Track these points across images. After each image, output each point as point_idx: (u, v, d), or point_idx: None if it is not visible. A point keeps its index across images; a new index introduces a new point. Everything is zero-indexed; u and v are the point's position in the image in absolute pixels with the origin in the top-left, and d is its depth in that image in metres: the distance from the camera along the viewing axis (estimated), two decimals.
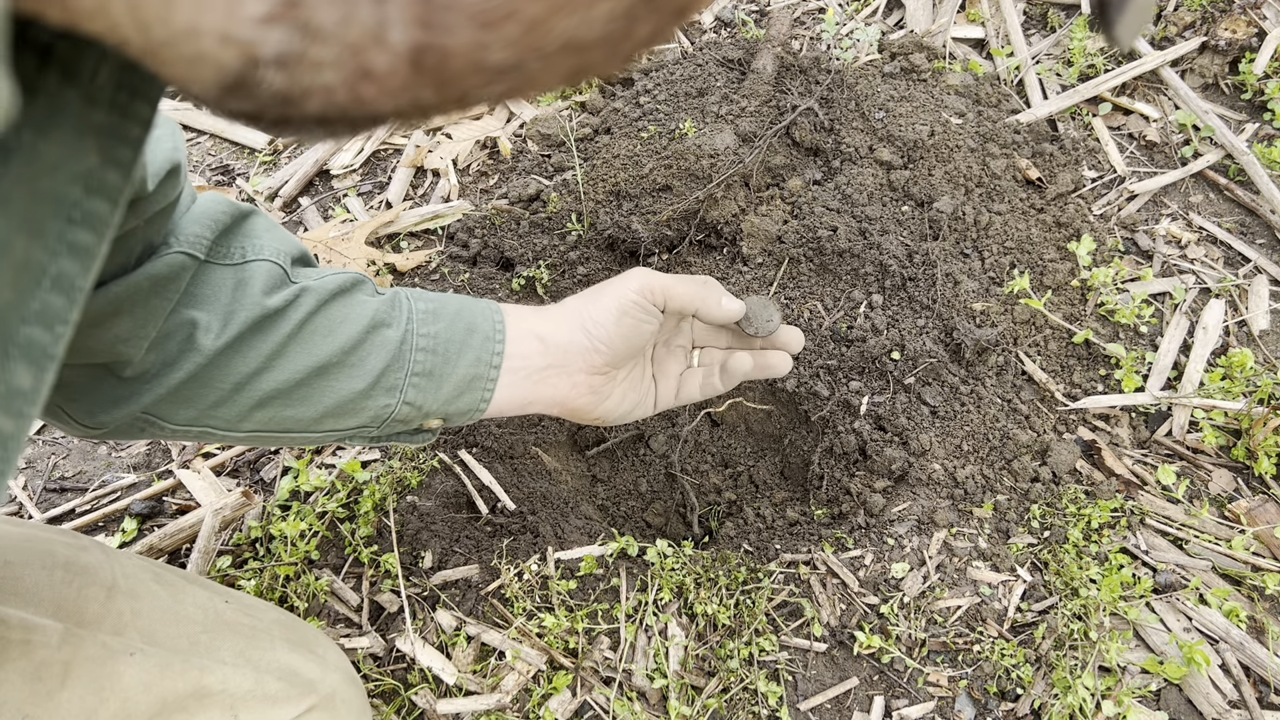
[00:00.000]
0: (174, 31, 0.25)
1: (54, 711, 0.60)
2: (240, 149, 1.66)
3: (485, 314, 0.82)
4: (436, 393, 0.79)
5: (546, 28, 0.26)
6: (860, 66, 1.57)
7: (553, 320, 0.84)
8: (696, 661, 1.06)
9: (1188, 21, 1.60)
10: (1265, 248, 1.42)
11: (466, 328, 0.80)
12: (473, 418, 0.83)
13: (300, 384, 0.72)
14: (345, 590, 1.14)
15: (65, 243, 0.34)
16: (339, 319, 0.74)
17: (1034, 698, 1.04)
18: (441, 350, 0.78)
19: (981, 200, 1.40)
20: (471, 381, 0.80)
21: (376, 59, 0.26)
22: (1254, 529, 1.16)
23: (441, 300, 0.81)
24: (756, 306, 0.90)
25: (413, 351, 0.77)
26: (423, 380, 0.78)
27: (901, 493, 1.20)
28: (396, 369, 0.76)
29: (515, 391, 0.83)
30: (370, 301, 0.76)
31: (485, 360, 0.81)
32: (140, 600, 0.72)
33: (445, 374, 0.79)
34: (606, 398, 0.87)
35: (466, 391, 0.80)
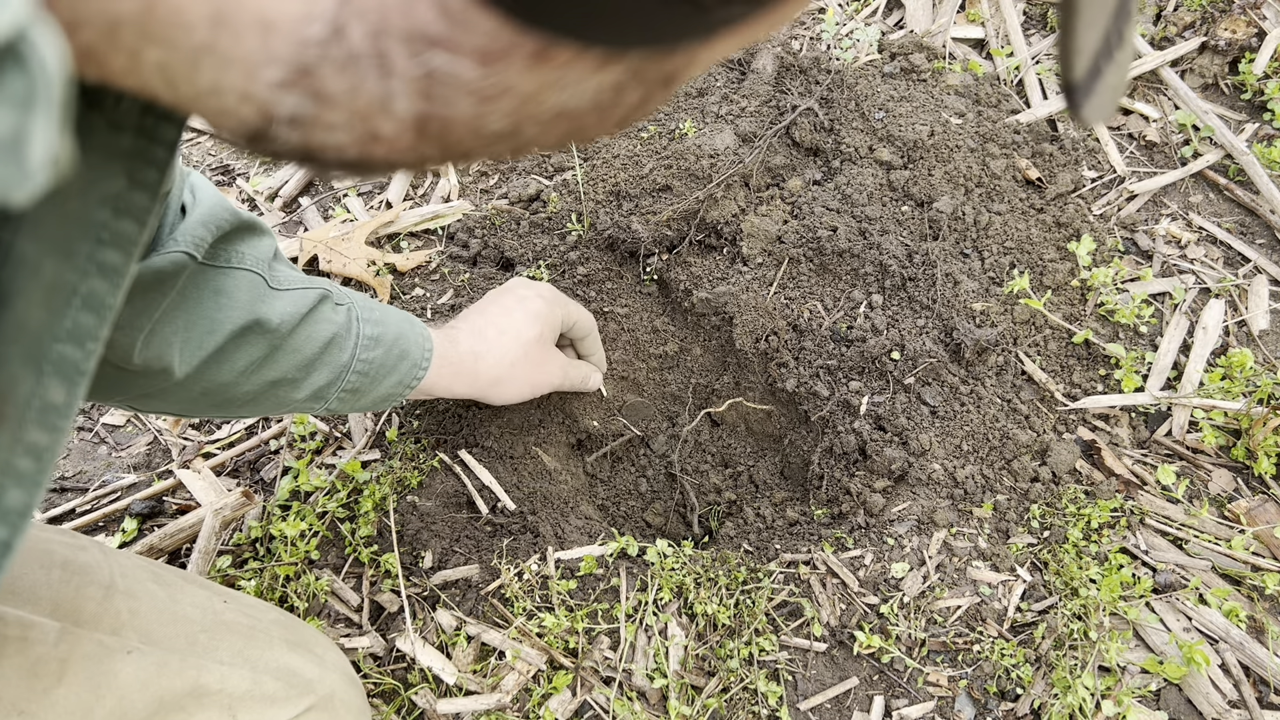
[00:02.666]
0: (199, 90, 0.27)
1: (50, 708, 0.60)
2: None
3: (418, 341, 0.93)
4: (355, 404, 0.90)
5: (539, 100, 0.28)
6: (860, 66, 1.57)
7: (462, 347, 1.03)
8: (696, 661, 1.06)
9: (1187, 21, 1.60)
10: (1265, 248, 1.42)
11: (399, 354, 0.90)
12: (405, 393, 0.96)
13: (257, 395, 0.80)
14: (345, 590, 1.14)
15: (95, 263, 0.35)
16: (304, 338, 0.81)
17: (1034, 697, 1.04)
18: (373, 374, 0.88)
19: (981, 200, 1.40)
20: (386, 399, 0.93)
21: (383, 125, 0.28)
22: (1254, 529, 1.16)
23: (384, 323, 0.89)
24: None
25: (348, 373, 0.86)
26: (349, 396, 0.88)
27: (901, 493, 1.20)
28: (333, 385, 0.85)
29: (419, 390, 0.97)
30: (331, 319, 0.83)
31: (405, 384, 0.92)
32: (138, 600, 0.72)
33: (369, 391, 0.89)
34: None
35: (379, 404, 0.94)
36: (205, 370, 0.74)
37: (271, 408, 0.84)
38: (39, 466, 0.35)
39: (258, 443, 1.30)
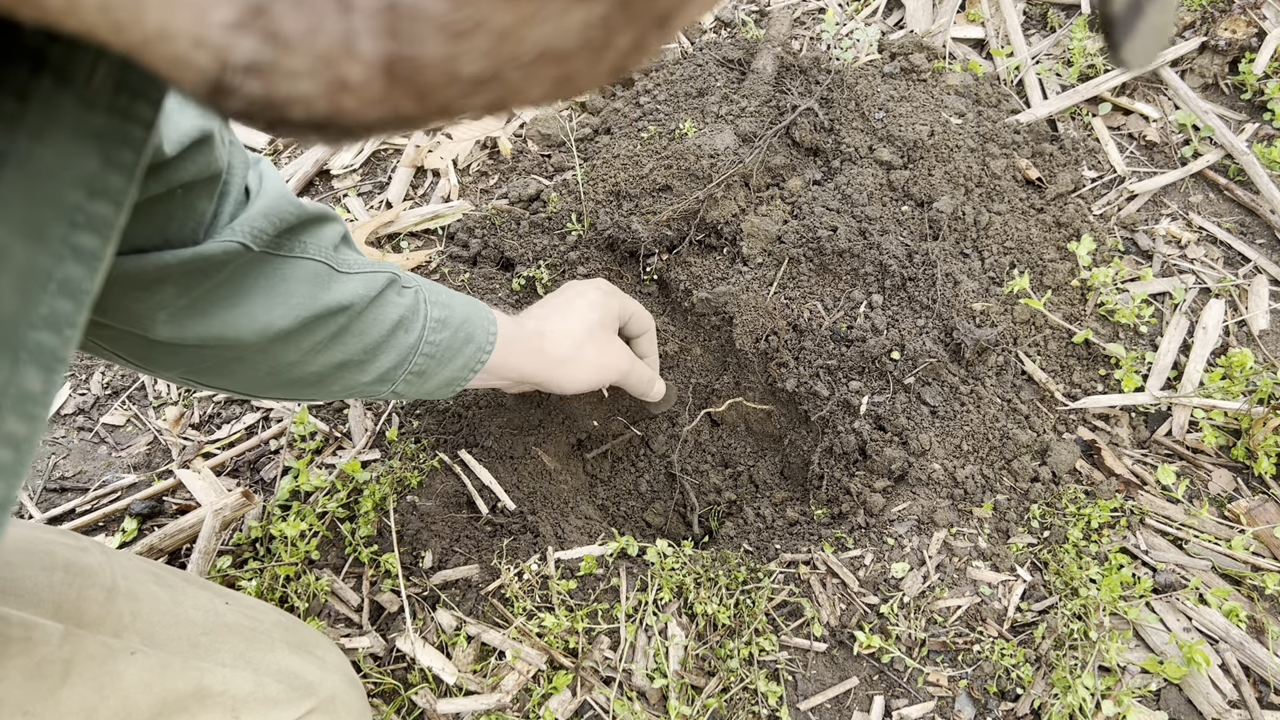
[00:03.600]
0: (147, 33, 0.25)
1: (54, 708, 0.60)
2: None
3: (484, 325, 0.92)
4: (421, 388, 0.88)
5: (519, 37, 0.25)
6: (860, 66, 1.57)
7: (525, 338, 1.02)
8: (696, 661, 1.06)
9: (1187, 21, 1.60)
10: (1265, 248, 1.42)
11: (465, 338, 0.89)
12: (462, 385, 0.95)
13: (323, 376, 0.80)
14: (345, 590, 1.14)
15: (69, 246, 0.34)
16: (371, 321, 0.80)
17: (1034, 697, 1.04)
18: (440, 355, 0.87)
19: (981, 200, 1.40)
20: (451, 383, 0.91)
21: (350, 70, 0.26)
22: (1254, 529, 1.16)
23: (451, 306, 0.88)
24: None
25: (416, 355, 0.85)
26: (415, 378, 0.87)
27: (901, 492, 1.20)
28: (399, 368, 0.84)
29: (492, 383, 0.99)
30: (398, 302, 0.83)
31: (469, 366, 0.91)
32: (140, 602, 0.72)
33: (435, 374, 0.88)
34: None
35: (444, 388, 0.91)
36: (271, 350, 0.74)
37: (339, 391, 0.84)
38: (18, 457, 0.34)
39: (257, 443, 1.30)
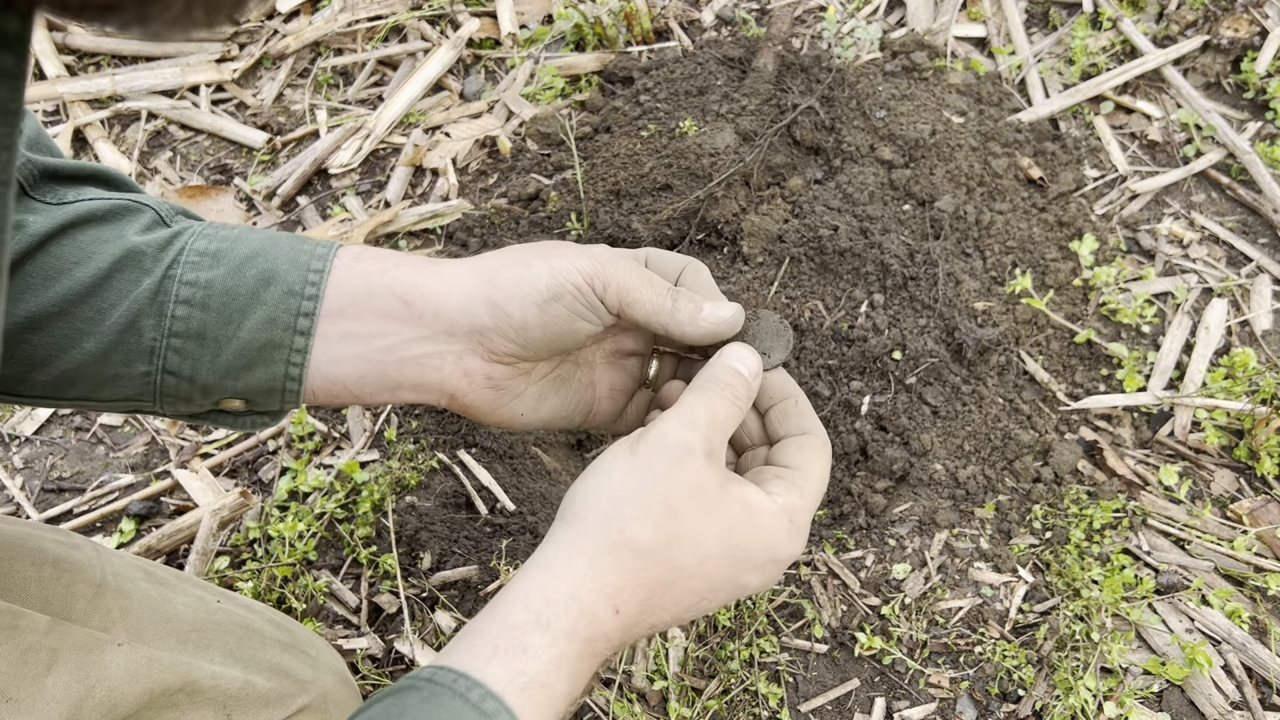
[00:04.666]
0: None
1: (39, 695, 0.60)
2: (238, 148, 1.65)
3: (298, 259, 0.61)
4: (213, 361, 0.61)
5: None
6: (861, 65, 1.56)
7: (442, 277, 0.62)
8: (696, 663, 1.06)
9: (1190, 20, 1.60)
10: (1267, 247, 1.42)
11: (260, 276, 0.60)
12: (289, 402, 0.63)
13: (10, 344, 0.58)
14: (344, 591, 1.13)
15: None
16: (72, 258, 0.59)
17: (1036, 699, 1.03)
18: (217, 305, 0.60)
19: (983, 199, 1.40)
20: (264, 350, 0.61)
21: None
22: (1256, 529, 1.16)
23: (237, 239, 0.62)
24: (757, 329, 0.66)
25: (172, 303, 0.59)
26: (189, 344, 0.60)
27: (903, 493, 1.19)
28: (150, 328, 0.59)
29: (359, 370, 0.62)
30: (130, 237, 0.61)
31: (284, 323, 0.60)
32: (129, 598, 0.72)
33: (223, 337, 0.60)
34: (514, 397, 0.66)
35: (258, 363, 0.61)
36: None
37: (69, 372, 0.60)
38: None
39: (255, 443, 1.30)
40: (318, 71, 1.73)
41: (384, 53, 1.73)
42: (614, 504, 0.54)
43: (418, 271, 0.62)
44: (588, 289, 0.61)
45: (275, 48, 1.74)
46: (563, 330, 0.61)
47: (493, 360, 0.63)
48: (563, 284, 0.60)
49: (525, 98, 1.63)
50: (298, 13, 1.81)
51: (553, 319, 0.61)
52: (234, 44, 1.79)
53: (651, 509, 0.54)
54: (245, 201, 1.58)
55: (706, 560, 0.55)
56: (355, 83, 1.71)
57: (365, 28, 1.75)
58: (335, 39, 1.76)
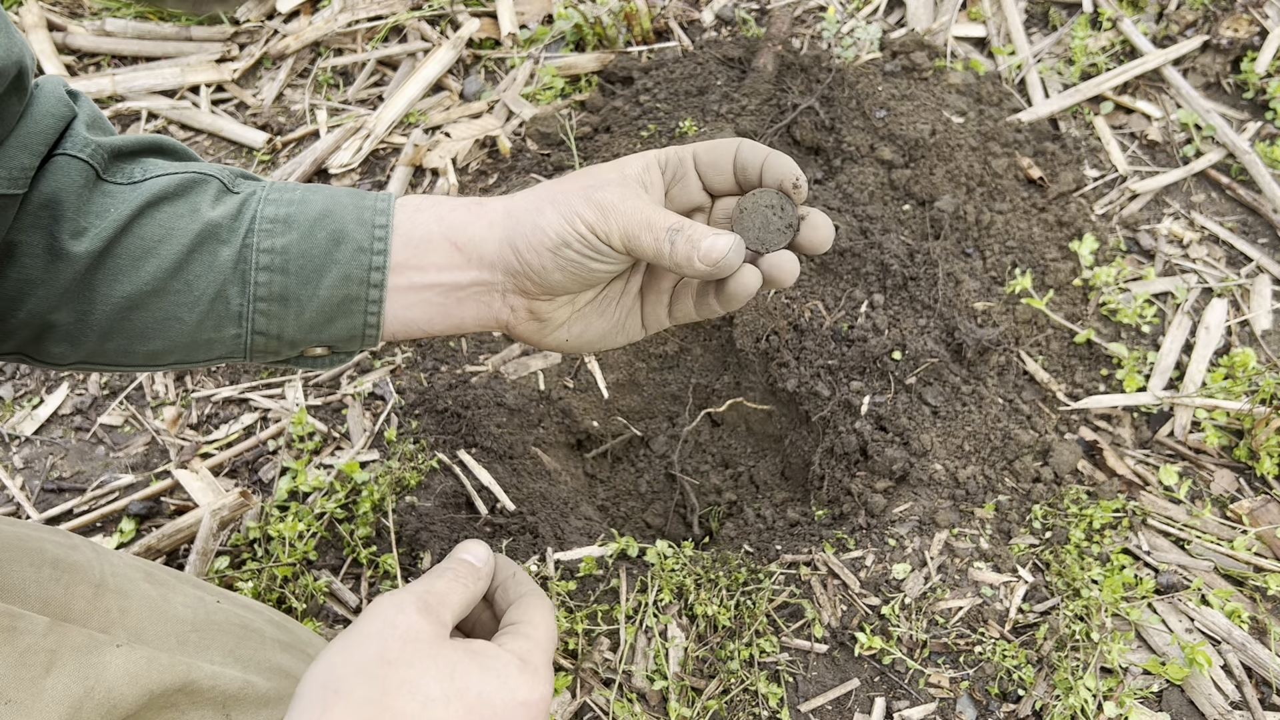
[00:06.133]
0: None
1: (38, 696, 0.60)
2: (238, 148, 1.65)
3: (362, 216, 0.66)
4: (298, 319, 0.66)
5: None
6: (861, 65, 1.56)
7: (484, 219, 0.67)
8: (697, 663, 1.06)
9: (1189, 20, 1.60)
10: (1267, 247, 1.42)
11: (330, 238, 0.65)
12: (369, 343, 0.69)
13: (113, 322, 0.64)
14: (344, 591, 1.13)
15: None
16: (156, 237, 0.63)
17: (1035, 699, 1.03)
18: (295, 269, 0.65)
19: (983, 199, 1.40)
20: (343, 304, 0.66)
21: None
22: (1256, 529, 1.16)
23: (303, 202, 0.67)
24: (757, 217, 0.67)
25: (253, 271, 0.64)
26: (273, 306, 0.65)
27: (903, 493, 1.19)
28: (236, 295, 0.65)
29: (427, 312, 0.68)
30: (205, 212, 0.65)
31: (358, 278, 0.66)
32: (129, 599, 0.72)
33: (305, 297, 0.65)
34: (557, 326, 0.72)
35: (339, 316, 0.67)
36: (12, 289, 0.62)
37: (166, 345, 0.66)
38: None
39: (255, 443, 1.30)
40: (318, 71, 1.73)
41: (384, 53, 1.73)
42: (330, 670, 0.55)
43: (466, 216, 0.67)
44: (591, 237, 0.64)
45: (275, 48, 1.74)
46: (581, 272, 0.65)
47: (530, 297, 0.68)
48: (568, 233, 0.64)
49: (525, 98, 1.63)
50: (298, 13, 1.81)
51: (568, 263, 0.64)
52: (234, 44, 1.79)
53: (365, 665, 0.55)
54: None
55: (431, 703, 0.54)
56: (355, 83, 1.72)
57: (365, 28, 1.75)
58: (335, 39, 1.76)
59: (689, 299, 0.72)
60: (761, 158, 0.67)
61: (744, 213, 0.67)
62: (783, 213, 0.66)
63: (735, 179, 0.69)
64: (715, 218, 0.72)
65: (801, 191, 0.66)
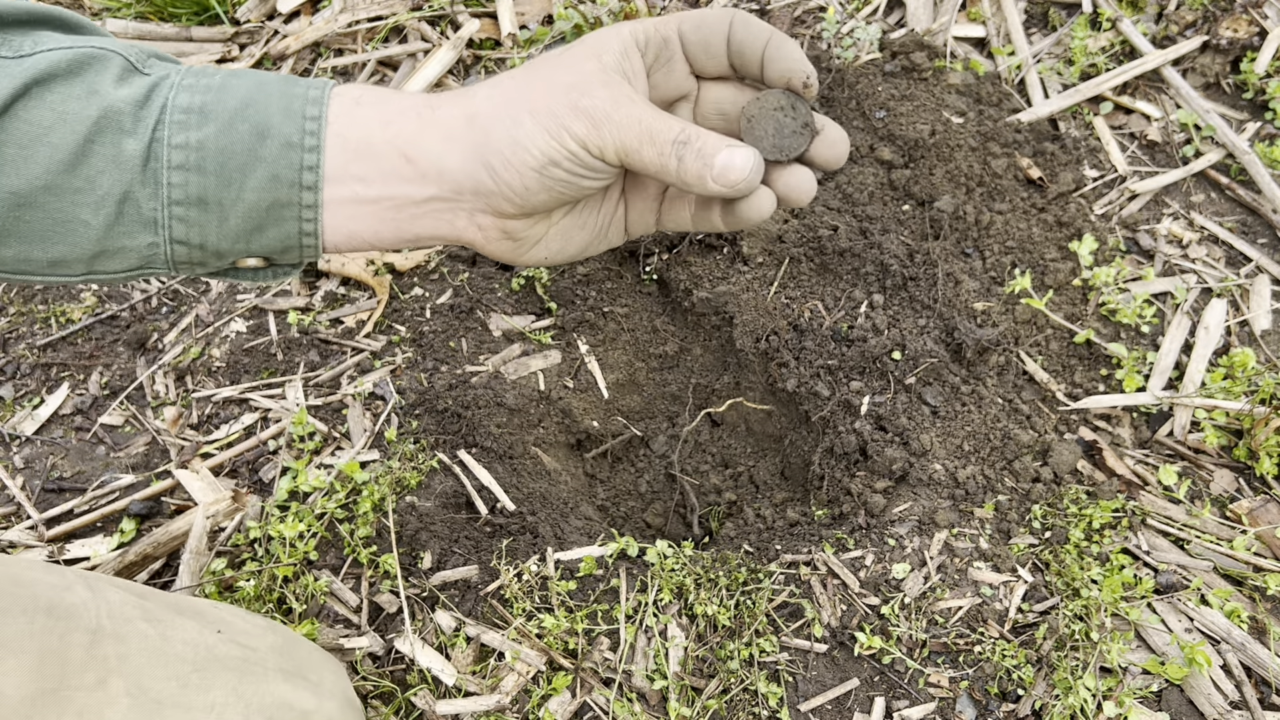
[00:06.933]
0: None
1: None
2: None
3: (290, 106, 0.56)
4: (221, 226, 0.57)
5: None
6: (861, 65, 1.56)
7: (439, 129, 0.58)
8: (696, 662, 1.06)
9: (1189, 20, 1.60)
10: (1267, 247, 1.42)
11: (254, 131, 0.56)
12: (308, 256, 0.61)
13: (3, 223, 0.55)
14: (344, 591, 1.14)
15: None
16: (45, 122, 0.54)
17: (1035, 698, 1.03)
18: (214, 167, 0.55)
19: (982, 199, 1.40)
20: (273, 209, 0.57)
21: None
22: (1255, 529, 1.16)
23: (222, 89, 0.56)
24: (768, 123, 0.59)
25: (166, 170, 0.55)
26: (192, 211, 0.56)
27: (902, 493, 1.19)
28: (148, 197, 0.56)
29: (374, 225, 0.60)
30: (105, 94, 0.55)
31: (288, 179, 0.56)
32: (127, 643, 0.69)
33: (227, 201, 0.56)
34: (534, 244, 0.64)
35: (270, 223, 0.57)
36: None
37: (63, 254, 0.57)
38: None
39: (256, 443, 1.30)
40: (318, 72, 1.73)
41: (384, 53, 1.73)
42: None
43: (418, 124, 0.58)
44: (583, 154, 0.56)
45: (276, 48, 1.74)
46: (567, 189, 0.58)
47: (504, 217, 0.60)
48: (556, 150, 0.55)
49: None
50: (298, 13, 1.81)
51: (555, 182, 0.57)
52: (234, 44, 1.79)
53: None
54: None
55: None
56: (355, 83, 1.72)
57: (365, 28, 1.75)
58: (336, 39, 1.76)
59: (684, 208, 0.65)
60: (763, 41, 0.58)
61: (752, 121, 0.59)
62: (794, 113, 0.59)
63: (729, 63, 0.60)
64: (703, 110, 0.64)
65: (813, 90, 0.58)
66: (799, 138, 0.59)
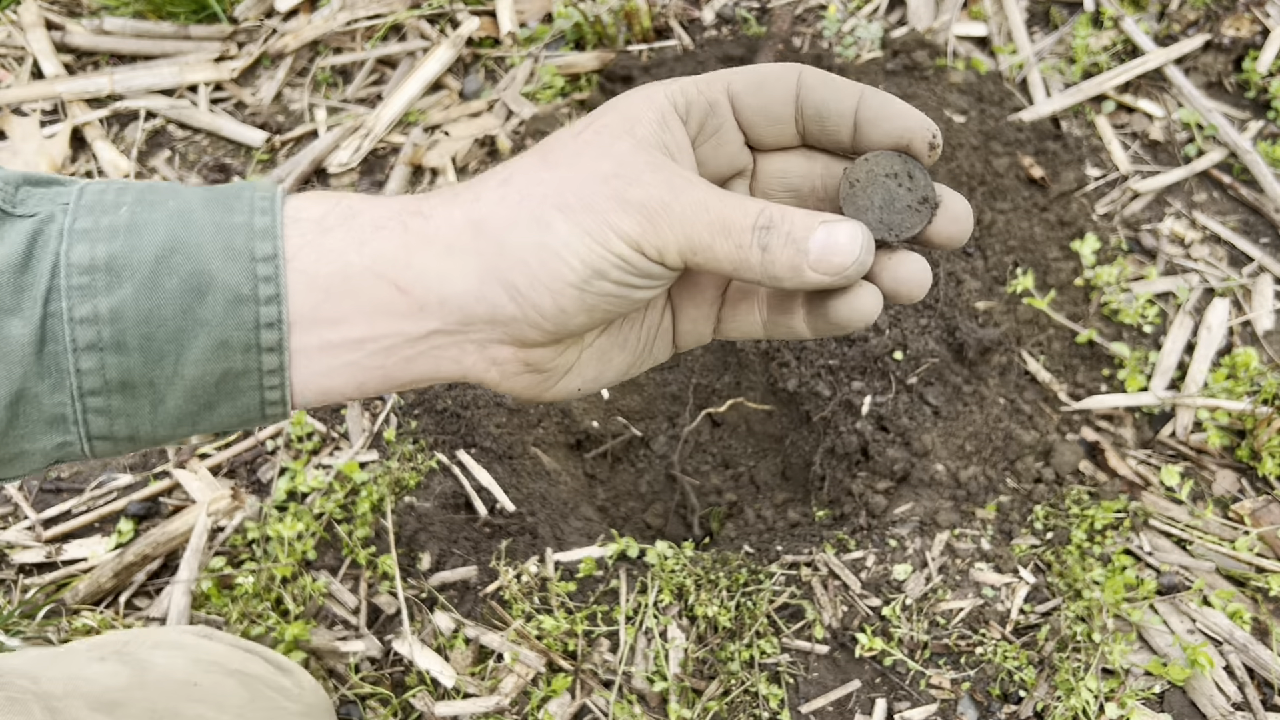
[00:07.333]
0: None
1: None
2: (237, 147, 1.65)
3: (233, 244, 0.42)
4: (155, 412, 0.43)
5: None
6: (862, 64, 1.56)
7: (437, 245, 0.44)
8: (697, 664, 1.05)
9: (1191, 19, 1.59)
10: (1269, 247, 1.42)
11: (187, 286, 0.41)
12: (273, 420, 0.47)
13: None
14: (343, 592, 1.13)
15: None
16: None
17: (1037, 700, 1.03)
18: (137, 342, 0.41)
19: (984, 198, 1.40)
20: (225, 382, 0.43)
21: None
22: (1258, 530, 1.15)
23: (133, 229, 0.42)
24: (876, 193, 0.46)
25: (71, 354, 0.41)
26: (114, 401, 0.42)
27: (904, 493, 1.19)
28: (48, 392, 0.41)
29: (357, 377, 0.46)
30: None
31: (241, 342, 0.42)
32: None
33: (161, 381, 0.42)
34: (565, 373, 0.50)
35: (221, 399, 0.44)
36: None
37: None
38: None
39: (254, 443, 1.29)
40: (317, 70, 1.73)
41: (383, 51, 1.72)
42: None
43: (405, 241, 0.44)
44: (637, 258, 0.43)
45: (274, 46, 1.74)
46: (615, 305, 0.45)
47: (526, 346, 0.46)
48: (602, 257, 0.42)
49: (525, 96, 1.63)
50: (297, 11, 1.81)
51: (599, 297, 0.43)
52: (233, 43, 1.78)
53: None
54: None
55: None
56: (354, 82, 1.71)
57: (364, 26, 1.75)
58: (334, 38, 1.76)
59: (753, 310, 0.50)
60: (853, 100, 0.45)
61: (856, 187, 0.46)
62: (911, 182, 0.45)
63: (798, 129, 0.47)
64: (764, 187, 0.50)
65: (938, 151, 0.45)
66: (916, 215, 0.45)
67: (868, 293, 0.45)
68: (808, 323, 0.48)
